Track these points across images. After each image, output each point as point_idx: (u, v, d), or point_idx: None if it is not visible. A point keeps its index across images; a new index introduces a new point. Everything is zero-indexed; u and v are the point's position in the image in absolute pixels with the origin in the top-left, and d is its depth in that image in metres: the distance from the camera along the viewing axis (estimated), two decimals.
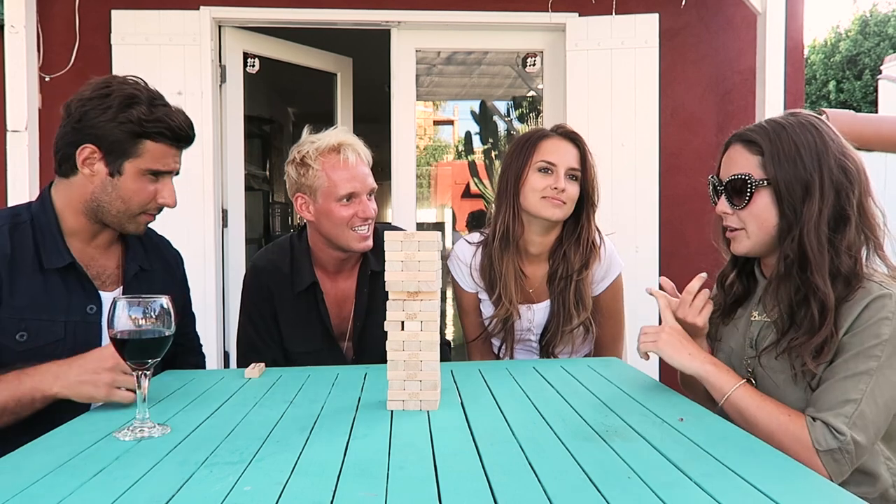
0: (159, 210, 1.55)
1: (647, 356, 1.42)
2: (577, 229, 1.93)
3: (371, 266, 1.88)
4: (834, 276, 1.26)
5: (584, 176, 1.91)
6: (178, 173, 1.56)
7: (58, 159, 1.48)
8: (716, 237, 1.48)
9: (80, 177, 1.46)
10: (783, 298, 1.32)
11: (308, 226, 1.90)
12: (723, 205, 1.38)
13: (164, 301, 1.14)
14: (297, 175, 1.82)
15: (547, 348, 1.96)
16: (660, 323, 1.46)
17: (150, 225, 1.70)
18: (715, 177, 1.41)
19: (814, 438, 1.18)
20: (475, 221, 8.24)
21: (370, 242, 1.84)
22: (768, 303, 1.37)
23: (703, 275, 1.46)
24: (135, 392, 1.17)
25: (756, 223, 1.33)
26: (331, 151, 1.79)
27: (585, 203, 1.92)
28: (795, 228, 1.27)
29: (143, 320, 1.12)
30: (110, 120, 1.41)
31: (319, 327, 1.87)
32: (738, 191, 1.34)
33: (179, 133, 1.49)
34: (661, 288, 1.54)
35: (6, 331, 1.39)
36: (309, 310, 1.87)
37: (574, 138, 1.92)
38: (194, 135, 1.54)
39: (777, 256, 1.33)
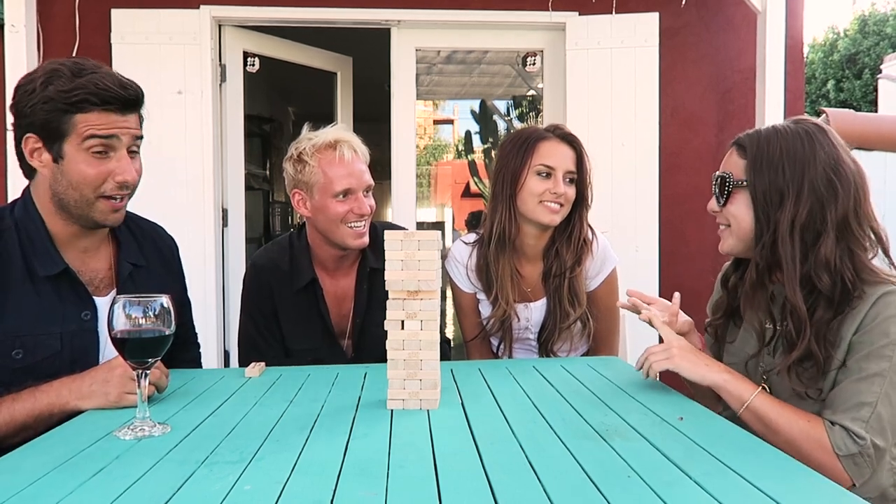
0: (122, 191, 1.38)
1: (657, 375, 1.40)
2: (568, 227, 1.94)
3: (370, 263, 1.88)
4: (812, 292, 1.25)
5: (579, 177, 1.91)
6: (138, 149, 1.41)
7: (20, 164, 1.40)
8: None
9: (39, 174, 1.38)
10: (760, 306, 1.32)
11: (307, 223, 1.91)
12: (711, 201, 1.40)
13: (164, 300, 1.14)
14: (293, 171, 1.83)
15: (545, 346, 1.96)
16: (660, 340, 1.45)
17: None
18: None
19: (834, 443, 1.17)
20: (475, 221, 8.23)
21: (366, 239, 1.84)
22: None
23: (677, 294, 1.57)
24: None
25: (735, 223, 1.35)
26: (327, 148, 1.79)
27: (580, 203, 1.93)
28: (767, 235, 1.28)
29: (143, 319, 1.12)
30: (36, 102, 1.31)
31: (319, 325, 1.87)
32: (720, 188, 1.36)
33: (107, 95, 1.32)
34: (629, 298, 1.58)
35: (0, 350, 1.32)
36: (309, 307, 1.87)
37: (571, 140, 1.92)
38: (134, 93, 1.37)
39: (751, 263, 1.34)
